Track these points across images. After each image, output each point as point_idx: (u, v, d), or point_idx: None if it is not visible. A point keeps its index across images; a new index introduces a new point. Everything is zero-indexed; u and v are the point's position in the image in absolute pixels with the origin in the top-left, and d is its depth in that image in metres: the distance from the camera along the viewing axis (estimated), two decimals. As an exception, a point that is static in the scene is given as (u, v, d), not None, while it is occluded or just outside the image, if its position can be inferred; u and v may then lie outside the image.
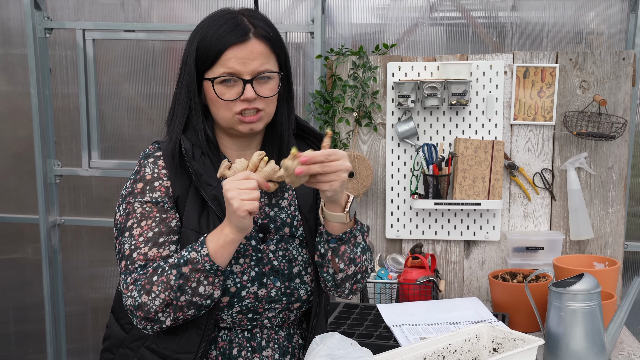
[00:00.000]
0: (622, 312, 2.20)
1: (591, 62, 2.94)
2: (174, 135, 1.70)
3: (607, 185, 2.99)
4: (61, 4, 3.39)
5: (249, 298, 1.68)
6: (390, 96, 3.04)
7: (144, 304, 1.58)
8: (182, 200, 1.68)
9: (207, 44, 1.64)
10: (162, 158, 1.71)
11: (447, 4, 3.19)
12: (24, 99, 3.46)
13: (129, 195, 1.69)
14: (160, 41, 3.37)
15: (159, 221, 1.65)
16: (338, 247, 1.68)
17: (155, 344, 1.70)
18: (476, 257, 3.09)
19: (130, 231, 1.65)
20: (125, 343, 1.77)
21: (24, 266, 3.68)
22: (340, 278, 1.73)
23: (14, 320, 3.74)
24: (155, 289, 1.57)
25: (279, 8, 3.28)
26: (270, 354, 1.75)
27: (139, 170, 1.71)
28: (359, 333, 2.42)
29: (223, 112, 1.67)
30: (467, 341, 1.78)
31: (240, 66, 1.63)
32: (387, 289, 2.86)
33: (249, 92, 1.64)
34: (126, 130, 3.49)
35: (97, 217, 3.56)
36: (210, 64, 1.65)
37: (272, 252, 1.72)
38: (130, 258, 1.63)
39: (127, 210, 1.67)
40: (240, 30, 1.63)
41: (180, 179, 1.69)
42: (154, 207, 1.66)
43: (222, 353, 1.72)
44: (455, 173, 2.97)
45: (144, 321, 1.60)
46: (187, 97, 1.69)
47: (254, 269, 1.69)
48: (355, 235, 1.69)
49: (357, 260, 1.72)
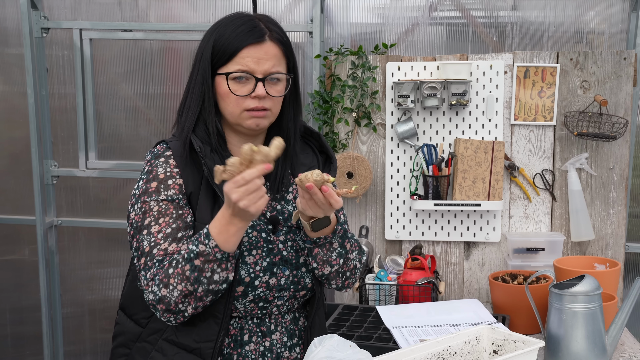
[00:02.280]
0: (623, 313, 2.20)
1: (592, 62, 2.93)
2: (186, 127, 1.77)
3: (608, 186, 2.98)
4: (58, 4, 3.38)
5: (261, 287, 1.76)
6: (389, 96, 3.02)
7: (164, 297, 1.65)
8: (194, 195, 1.76)
9: (225, 42, 1.74)
10: (173, 157, 1.78)
11: (447, 4, 3.19)
12: (20, 99, 3.45)
13: (144, 194, 1.75)
14: (157, 41, 3.36)
15: (176, 217, 1.72)
16: (312, 248, 1.79)
17: (174, 335, 1.76)
18: (476, 259, 3.08)
19: (149, 229, 1.71)
20: (142, 337, 1.82)
21: (20, 268, 3.67)
22: (317, 275, 1.84)
23: (10, 322, 3.73)
24: (173, 281, 1.64)
25: (278, 7, 3.27)
26: (279, 337, 1.84)
27: (150, 170, 1.78)
28: (358, 335, 2.41)
29: (232, 108, 1.76)
30: (467, 343, 1.78)
31: (254, 65, 1.73)
32: (387, 291, 2.85)
33: (260, 90, 1.73)
34: (123, 131, 3.48)
35: (94, 218, 3.55)
36: (226, 61, 1.74)
37: (281, 242, 1.81)
38: (151, 254, 1.69)
39: (143, 209, 1.74)
40: (257, 32, 1.74)
41: (191, 175, 1.77)
42: (170, 204, 1.73)
43: (234, 340, 1.79)
44: (455, 174, 2.96)
45: (167, 313, 1.67)
46: (202, 90, 1.77)
47: (266, 260, 1.78)
48: (331, 242, 1.79)
49: (332, 263, 1.81)
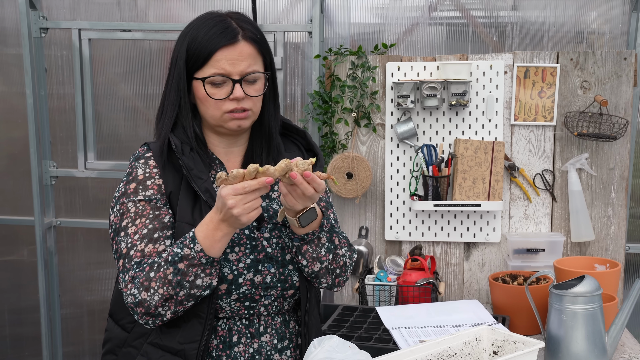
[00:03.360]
0: (624, 314, 2.19)
1: (592, 62, 2.92)
2: (163, 132, 1.77)
3: (609, 186, 2.97)
4: (57, 4, 3.38)
5: (246, 285, 1.74)
6: (389, 96, 3.02)
7: (144, 300, 1.63)
8: (174, 195, 1.75)
9: (198, 45, 1.72)
10: (153, 158, 1.78)
11: (447, 4, 3.18)
12: (19, 100, 3.44)
13: (122, 196, 1.76)
14: (156, 41, 3.36)
15: (153, 218, 1.71)
16: (300, 246, 1.77)
17: (158, 338, 1.75)
18: (476, 259, 3.07)
19: (126, 230, 1.71)
20: (128, 342, 1.82)
21: (19, 268, 3.67)
22: (307, 273, 1.81)
23: (9, 323, 3.73)
24: (154, 284, 1.63)
25: (277, 7, 3.27)
26: (268, 339, 1.82)
27: (130, 172, 1.78)
28: (357, 336, 2.40)
29: (212, 111, 1.75)
30: (467, 344, 1.78)
31: (230, 67, 1.71)
32: (387, 292, 2.85)
33: (238, 92, 1.72)
34: (122, 131, 3.48)
35: (93, 218, 3.54)
36: (200, 65, 1.73)
37: (265, 239, 1.79)
38: (128, 256, 1.69)
39: (121, 210, 1.74)
40: (229, 33, 1.72)
41: (171, 175, 1.76)
42: (147, 204, 1.73)
43: (222, 341, 1.78)
44: (455, 174, 2.95)
45: (146, 316, 1.66)
46: (177, 96, 1.77)
47: (249, 257, 1.76)
48: (320, 237, 1.77)
49: (322, 259, 1.79)
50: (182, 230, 1.71)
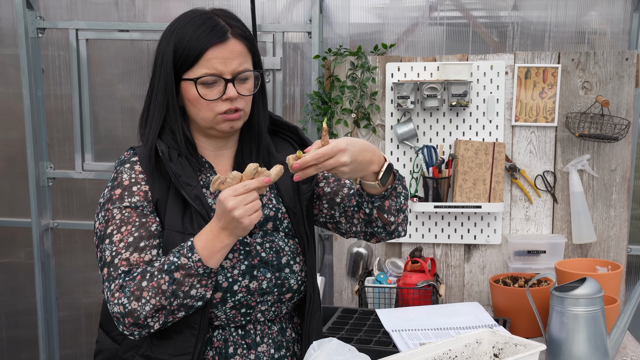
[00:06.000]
0: (626, 316, 2.19)
1: (594, 63, 2.91)
2: (150, 137, 1.71)
3: (610, 187, 2.95)
4: (54, 4, 3.37)
5: (242, 292, 1.70)
6: (389, 97, 3.00)
7: (134, 310, 1.58)
8: (162, 203, 1.70)
9: (186, 45, 1.66)
10: (139, 163, 1.72)
11: (447, 4, 3.18)
12: (15, 100, 3.43)
13: (108, 202, 1.70)
14: (155, 41, 3.29)
15: (139, 226, 1.66)
16: (383, 203, 1.75)
17: (150, 350, 1.70)
18: (477, 261, 3.06)
19: (111, 238, 1.66)
20: (119, 354, 1.77)
21: (16, 271, 3.66)
22: (393, 228, 1.81)
23: (6, 325, 3.72)
24: (146, 294, 1.57)
25: (276, 7, 3.26)
26: (265, 349, 1.78)
27: (115, 177, 1.73)
28: (357, 338, 2.40)
29: (204, 113, 1.70)
30: (467, 347, 1.79)
31: (221, 66, 1.66)
32: (386, 294, 2.84)
33: (231, 91, 1.67)
34: (120, 132, 3.47)
35: (91, 220, 3.52)
36: (190, 65, 1.67)
37: (259, 244, 1.75)
38: (113, 265, 1.63)
39: (106, 217, 1.68)
40: (219, 31, 1.66)
41: (158, 182, 1.71)
42: (133, 212, 1.67)
43: (218, 353, 1.74)
44: (455, 175, 2.94)
45: (133, 327, 1.61)
46: (165, 98, 1.70)
47: (244, 263, 1.71)
48: (395, 187, 1.76)
49: (403, 208, 1.80)
50: (172, 239, 1.67)
